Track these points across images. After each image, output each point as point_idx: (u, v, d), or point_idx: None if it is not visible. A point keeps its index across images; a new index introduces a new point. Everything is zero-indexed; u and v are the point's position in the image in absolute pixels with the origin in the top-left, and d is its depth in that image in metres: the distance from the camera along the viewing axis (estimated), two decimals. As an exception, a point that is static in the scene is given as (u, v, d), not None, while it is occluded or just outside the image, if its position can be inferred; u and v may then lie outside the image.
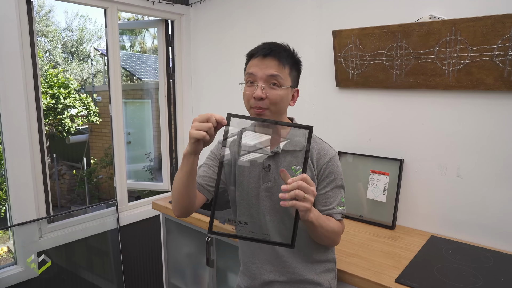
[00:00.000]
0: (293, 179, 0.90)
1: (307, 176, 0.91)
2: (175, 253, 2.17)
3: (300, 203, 0.89)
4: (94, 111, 7.74)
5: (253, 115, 1.13)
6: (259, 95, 1.10)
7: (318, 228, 1.05)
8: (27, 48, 1.93)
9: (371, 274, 1.31)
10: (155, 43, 13.21)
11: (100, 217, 2.33)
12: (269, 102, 1.11)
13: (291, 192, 0.88)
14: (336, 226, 1.15)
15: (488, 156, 1.53)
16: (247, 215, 1.21)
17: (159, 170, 2.97)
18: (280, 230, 1.17)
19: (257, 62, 1.12)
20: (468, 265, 1.36)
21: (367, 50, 1.74)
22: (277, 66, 1.12)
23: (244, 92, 1.16)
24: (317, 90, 2.03)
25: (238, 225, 1.12)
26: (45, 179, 2.06)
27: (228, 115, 0.97)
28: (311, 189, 0.90)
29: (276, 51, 1.12)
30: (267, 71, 1.11)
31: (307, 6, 2.01)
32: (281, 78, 1.12)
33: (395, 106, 1.77)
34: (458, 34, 1.48)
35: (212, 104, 2.64)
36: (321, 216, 1.07)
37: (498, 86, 1.45)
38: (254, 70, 1.12)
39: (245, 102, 1.16)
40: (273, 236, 1.17)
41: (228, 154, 1.23)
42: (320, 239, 1.14)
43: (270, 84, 1.11)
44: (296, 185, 0.88)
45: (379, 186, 1.79)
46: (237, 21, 2.37)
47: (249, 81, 1.14)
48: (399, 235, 1.67)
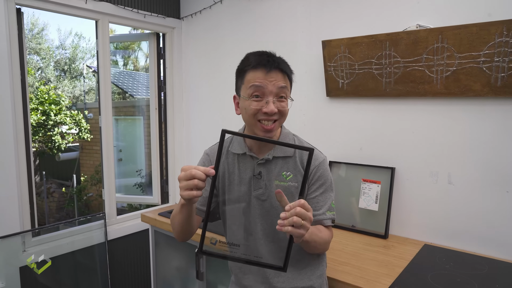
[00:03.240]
0: (290, 205, 0.87)
1: (305, 202, 0.88)
2: (164, 267, 2.10)
3: (297, 230, 0.86)
4: (85, 127, 7.68)
5: (260, 130, 1.09)
6: (273, 111, 1.06)
7: (311, 243, 1.05)
8: (16, 64, 1.92)
9: (364, 282, 1.27)
10: (148, 62, 13.28)
11: (87, 230, 2.26)
12: (280, 115, 1.09)
13: (289, 219, 0.86)
14: (326, 235, 1.13)
15: (479, 162, 1.53)
16: (239, 228, 1.18)
17: (149, 186, 2.93)
18: (272, 249, 1.15)
19: (262, 75, 1.07)
20: (462, 273, 1.33)
21: (357, 59, 1.76)
22: (284, 78, 1.10)
23: (249, 106, 1.08)
24: (308, 100, 2.03)
25: (230, 247, 1.10)
26: (31, 194, 2.00)
27: (223, 132, 0.88)
28: (308, 216, 0.87)
29: (280, 63, 1.09)
30: (277, 84, 1.07)
31: (297, 18, 2.04)
32: (288, 90, 1.11)
33: (385, 114, 1.78)
34: (445, 42, 1.50)
35: (203, 116, 2.63)
36: (313, 230, 1.04)
37: (485, 92, 1.46)
38: (262, 83, 1.06)
39: (250, 115, 1.09)
40: (265, 257, 1.13)
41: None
42: (311, 250, 1.13)
43: (278, 97, 1.09)
44: (294, 212, 0.86)
45: (371, 195, 1.77)
46: (228, 34, 2.39)
47: (254, 95, 1.08)
48: (392, 244, 1.65)
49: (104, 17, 2.26)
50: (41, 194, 7.64)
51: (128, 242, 2.48)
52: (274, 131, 1.10)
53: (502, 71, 1.40)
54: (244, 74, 1.11)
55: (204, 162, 1.24)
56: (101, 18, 2.25)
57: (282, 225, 0.86)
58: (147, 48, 11.00)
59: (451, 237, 1.60)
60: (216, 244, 1.25)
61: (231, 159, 1.20)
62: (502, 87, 1.42)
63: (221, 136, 0.88)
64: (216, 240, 1.14)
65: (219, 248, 1.02)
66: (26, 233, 1.98)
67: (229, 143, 1.22)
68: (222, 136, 0.88)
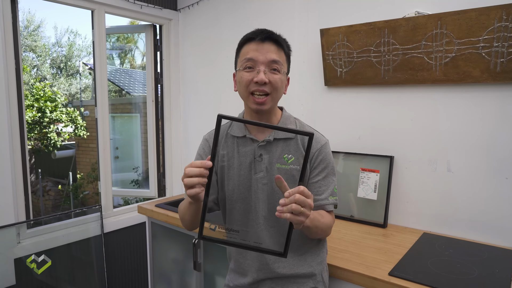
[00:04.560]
0: (290, 191, 0.85)
1: (304, 189, 0.86)
2: (161, 259, 2.08)
3: (296, 217, 0.85)
4: (81, 124, 7.63)
5: (253, 103, 1.09)
6: (263, 79, 1.05)
7: (312, 228, 1.03)
8: (11, 61, 1.89)
9: (364, 268, 1.26)
10: (145, 61, 13.24)
11: (83, 223, 2.24)
12: (271, 87, 1.08)
13: (288, 206, 0.84)
14: (328, 220, 1.12)
15: (478, 149, 1.52)
16: (238, 213, 1.16)
17: (146, 183, 2.91)
18: (272, 234, 1.14)
19: (255, 47, 1.08)
20: (462, 259, 1.32)
21: (355, 47, 1.75)
22: (277, 51, 1.09)
23: (242, 78, 1.09)
24: (306, 90, 2.02)
25: (229, 232, 1.07)
26: (25, 187, 1.98)
27: (219, 116, 0.85)
28: (308, 202, 0.86)
29: (274, 36, 1.10)
30: (268, 56, 1.07)
31: (295, 7, 2.03)
32: (281, 63, 1.10)
33: (383, 103, 1.76)
34: (444, 28, 1.49)
35: (200, 108, 2.61)
36: (315, 215, 1.03)
37: (484, 78, 1.45)
38: (253, 54, 1.07)
39: (243, 88, 1.09)
40: (265, 242, 1.12)
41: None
42: (313, 236, 1.12)
43: (271, 69, 1.08)
44: (293, 199, 0.84)
45: (369, 184, 1.76)
46: (225, 25, 2.37)
47: (247, 66, 1.08)
48: (391, 232, 1.64)
49: (100, 7, 2.23)
50: (36, 192, 7.59)
51: (124, 235, 2.45)
52: (266, 104, 1.09)
53: (502, 56, 1.39)
54: (240, 49, 1.13)
55: (204, 149, 1.23)
56: (97, 8, 2.22)
57: (281, 211, 0.85)
58: (144, 47, 10.92)
59: (451, 225, 1.59)
60: (216, 230, 1.23)
61: (230, 142, 1.18)
62: (502, 72, 1.41)
63: (217, 122, 0.84)
64: (215, 226, 1.12)
65: (218, 234, 1.01)
66: (20, 224, 1.95)
67: (228, 126, 1.21)
68: (218, 121, 0.84)
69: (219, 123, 0.84)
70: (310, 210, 0.88)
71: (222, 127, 1.20)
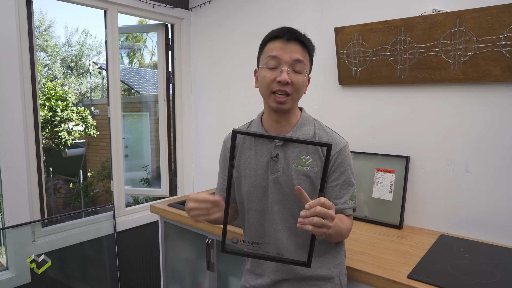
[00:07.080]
0: (310, 204, 0.84)
1: (325, 200, 0.85)
2: (173, 258, 2.08)
3: (318, 229, 0.84)
4: (91, 123, 7.69)
5: (273, 101, 1.08)
6: (286, 79, 1.04)
7: (333, 235, 1.03)
8: (26, 61, 1.91)
9: (382, 271, 1.24)
10: (153, 59, 13.30)
11: (96, 221, 2.25)
12: (293, 88, 1.07)
13: (309, 219, 0.83)
14: (348, 225, 1.11)
15: (498, 149, 1.49)
16: (255, 214, 1.15)
17: (155, 181, 2.91)
18: (289, 235, 1.12)
19: (281, 45, 1.06)
20: (482, 262, 1.30)
21: (370, 46, 1.72)
22: (302, 51, 1.08)
23: (264, 76, 1.08)
24: (320, 89, 2.00)
25: (251, 245, 1.08)
26: (40, 187, 1.99)
27: (233, 132, 0.87)
28: (329, 214, 0.84)
29: (300, 37, 1.08)
30: (293, 56, 1.06)
31: (308, 5, 2.00)
32: (305, 64, 1.09)
33: (399, 102, 1.74)
34: (463, 26, 1.46)
35: (211, 106, 2.60)
36: (336, 222, 1.00)
37: (505, 77, 1.42)
38: (278, 53, 1.06)
39: (264, 86, 1.09)
40: (285, 247, 1.11)
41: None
42: (332, 240, 1.12)
43: (294, 70, 1.07)
44: (314, 212, 0.83)
45: (385, 184, 1.74)
46: (237, 24, 2.36)
47: (270, 64, 1.07)
48: (407, 234, 1.61)
49: (113, 6, 2.24)
50: (48, 190, 7.68)
51: (137, 234, 2.46)
52: (287, 104, 1.08)
53: (524, 54, 1.36)
54: (264, 46, 1.12)
55: (224, 152, 1.26)
56: (110, 8, 2.23)
57: (302, 223, 0.84)
58: (153, 45, 10.84)
59: (469, 227, 1.56)
60: (238, 243, 1.23)
61: (247, 143, 1.17)
62: (524, 71, 1.37)
63: (232, 138, 0.89)
64: (237, 239, 1.12)
65: (240, 247, 1.02)
66: (35, 223, 1.97)
67: (246, 127, 1.20)
68: (233, 137, 0.88)
69: (234, 139, 0.88)
70: (333, 221, 0.87)
71: (241, 127, 1.22)
